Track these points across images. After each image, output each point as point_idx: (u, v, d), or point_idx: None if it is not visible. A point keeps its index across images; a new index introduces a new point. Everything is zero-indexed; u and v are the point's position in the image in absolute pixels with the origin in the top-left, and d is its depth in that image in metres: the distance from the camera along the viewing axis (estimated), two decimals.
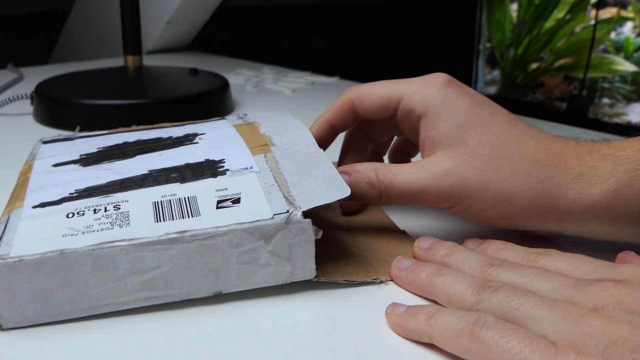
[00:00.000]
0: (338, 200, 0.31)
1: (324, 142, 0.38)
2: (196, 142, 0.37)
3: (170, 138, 0.38)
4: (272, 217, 0.29)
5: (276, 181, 0.32)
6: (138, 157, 0.36)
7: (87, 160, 0.36)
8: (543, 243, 0.34)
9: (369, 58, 1.63)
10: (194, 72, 0.69)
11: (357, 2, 1.68)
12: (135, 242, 0.28)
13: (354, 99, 0.36)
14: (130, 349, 0.26)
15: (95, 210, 0.30)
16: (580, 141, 0.33)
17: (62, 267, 0.27)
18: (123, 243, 0.28)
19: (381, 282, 0.31)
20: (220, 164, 0.34)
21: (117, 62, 0.75)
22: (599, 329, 0.22)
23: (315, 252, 0.30)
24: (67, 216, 0.29)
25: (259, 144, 0.36)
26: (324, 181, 0.32)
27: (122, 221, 0.29)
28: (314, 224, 0.29)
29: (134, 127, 0.43)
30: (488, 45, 1.65)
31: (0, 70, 0.86)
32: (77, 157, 0.37)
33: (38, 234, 0.28)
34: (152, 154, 0.36)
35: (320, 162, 0.34)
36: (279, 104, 0.71)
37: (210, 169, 0.33)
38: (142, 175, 0.33)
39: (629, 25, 1.42)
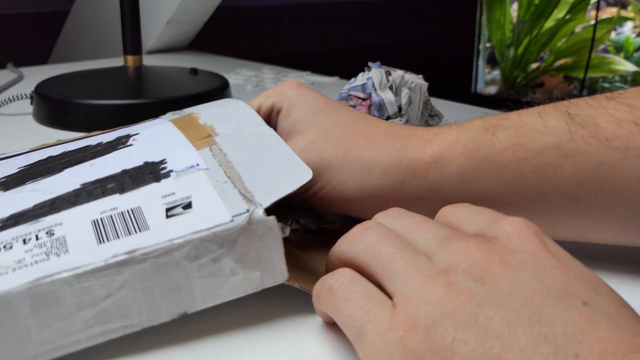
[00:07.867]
0: (301, 187, 0.28)
1: None
2: (130, 145, 0.33)
3: (100, 144, 0.34)
4: (232, 220, 0.25)
5: (228, 177, 0.28)
6: (66, 170, 0.31)
7: (8, 183, 0.31)
8: None
9: (369, 58, 1.63)
10: (194, 72, 0.69)
11: (357, 2, 1.68)
12: (78, 271, 0.24)
13: None
14: None
15: (25, 240, 0.25)
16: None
17: None
18: (64, 274, 0.24)
19: None
20: (162, 166, 0.29)
21: (117, 62, 0.75)
22: (437, 296, 0.21)
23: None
24: None
25: (202, 136, 0.32)
26: (281, 167, 0.29)
27: (58, 249, 0.25)
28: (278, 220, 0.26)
29: (57, 141, 0.37)
30: (488, 45, 1.65)
31: (0, 70, 0.86)
32: None
33: None
34: (82, 164, 0.31)
35: (273, 144, 0.31)
36: None
37: (151, 172, 0.29)
38: (74, 190, 0.28)
39: (629, 25, 1.42)
